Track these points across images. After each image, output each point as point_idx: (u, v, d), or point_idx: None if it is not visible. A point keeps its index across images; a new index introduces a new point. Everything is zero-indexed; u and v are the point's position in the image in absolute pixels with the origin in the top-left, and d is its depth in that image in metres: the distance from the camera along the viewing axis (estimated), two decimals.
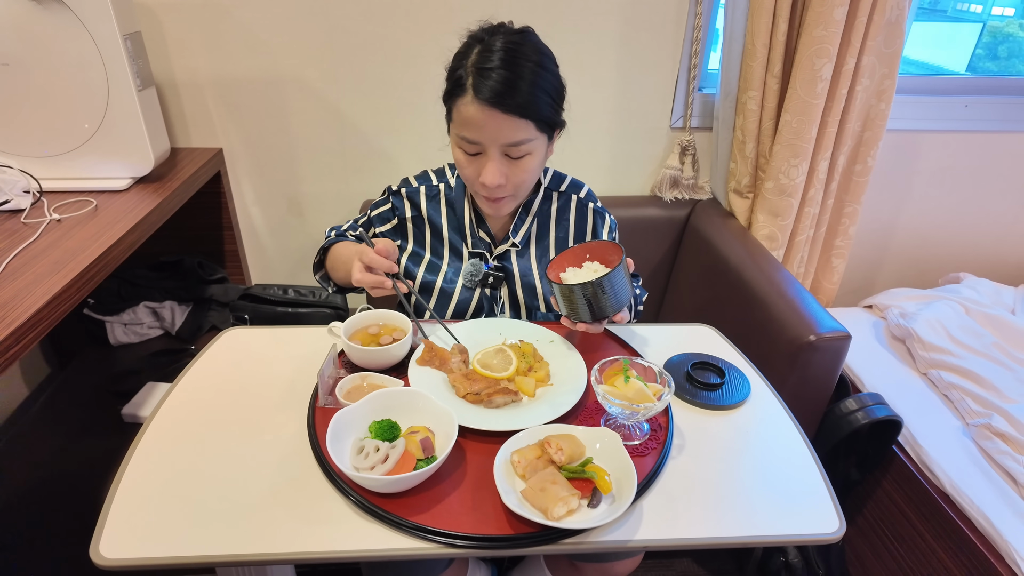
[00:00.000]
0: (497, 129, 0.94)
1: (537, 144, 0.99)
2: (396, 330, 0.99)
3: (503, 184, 1.00)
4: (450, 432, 0.77)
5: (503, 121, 0.93)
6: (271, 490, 0.75)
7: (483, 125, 0.94)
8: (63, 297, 0.98)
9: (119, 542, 0.68)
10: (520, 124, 0.95)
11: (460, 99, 0.95)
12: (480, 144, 0.97)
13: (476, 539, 0.69)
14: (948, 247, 2.05)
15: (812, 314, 1.27)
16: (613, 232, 1.23)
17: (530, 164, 1.00)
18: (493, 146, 0.97)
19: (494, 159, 0.98)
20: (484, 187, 1.00)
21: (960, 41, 2.25)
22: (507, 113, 0.93)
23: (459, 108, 0.96)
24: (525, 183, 1.03)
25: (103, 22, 1.21)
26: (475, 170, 1.00)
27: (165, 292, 1.70)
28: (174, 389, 0.92)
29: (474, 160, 1.00)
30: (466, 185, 1.08)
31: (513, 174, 1.00)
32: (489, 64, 0.92)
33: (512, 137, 0.96)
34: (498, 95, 0.91)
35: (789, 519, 0.76)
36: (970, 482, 1.22)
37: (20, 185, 1.24)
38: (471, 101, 0.93)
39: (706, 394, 0.95)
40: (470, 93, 0.93)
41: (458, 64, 0.97)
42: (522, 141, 0.96)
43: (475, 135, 0.96)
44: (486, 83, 0.92)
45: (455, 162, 1.04)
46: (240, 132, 1.69)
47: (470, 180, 1.03)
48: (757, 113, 1.60)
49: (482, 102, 0.92)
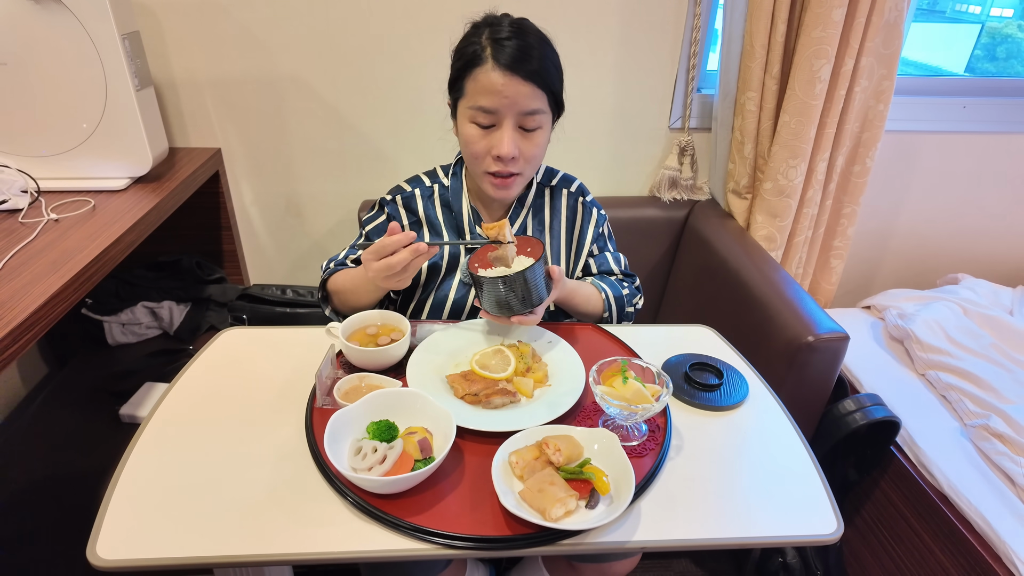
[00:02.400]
0: (516, 95, 0.97)
1: (546, 119, 1.03)
2: (394, 331, 0.99)
3: (516, 157, 1.01)
4: (448, 433, 0.77)
5: (521, 87, 0.96)
6: (269, 491, 0.75)
7: (502, 91, 0.96)
8: (61, 297, 0.98)
9: (116, 543, 0.68)
10: (536, 93, 0.98)
11: (478, 68, 0.97)
12: (497, 113, 0.98)
13: (474, 540, 0.69)
14: (946, 248, 2.05)
15: (810, 315, 1.27)
16: (600, 226, 1.23)
17: (541, 139, 1.03)
18: (510, 115, 0.99)
19: (509, 129, 0.99)
20: (498, 160, 1.01)
21: (959, 42, 2.25)
22: (526, 80, 0.96)
23: (476, 77, 0.98)
24: (535, 158, 1.05)
25: (101, 22, 1.21)
26: (488, 144, 1.01)
27: (163, 292, 1.70)
28: (172, 389, 0.92)
29: (487, 134, 1.01)
30: (473, 165, 1.06)
31: (525, 148, 1.02)
32: (506, 35, 0.97)
33: (529, 105, 0.98)
34: (517, 61, 0.95)
35: (787, 520, 0.76)
36: (968, 483, 1.22)
37: (18, 185, 1.24)
38: (492, 68, 0.96)
39: (704, 395, 0.95)
40: (490, 61, 0.96)
41: (468, 43, 1.00)
42: (537, 111, 0.99)
43: (494, 102, 0.97)
44: (505, 51, 0.96)
45: (466, 139, 1.03)
46: (238, 132, 1.69)
47: (480, 156, 1.03)
48: (756, 114, 1.60)
49: (503, 68, 0.95)
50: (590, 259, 1.22)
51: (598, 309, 1.17)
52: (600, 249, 1.23)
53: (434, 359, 0.97)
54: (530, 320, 0.99)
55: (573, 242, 1.21)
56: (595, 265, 1.23)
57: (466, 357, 0.98)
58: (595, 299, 1.16)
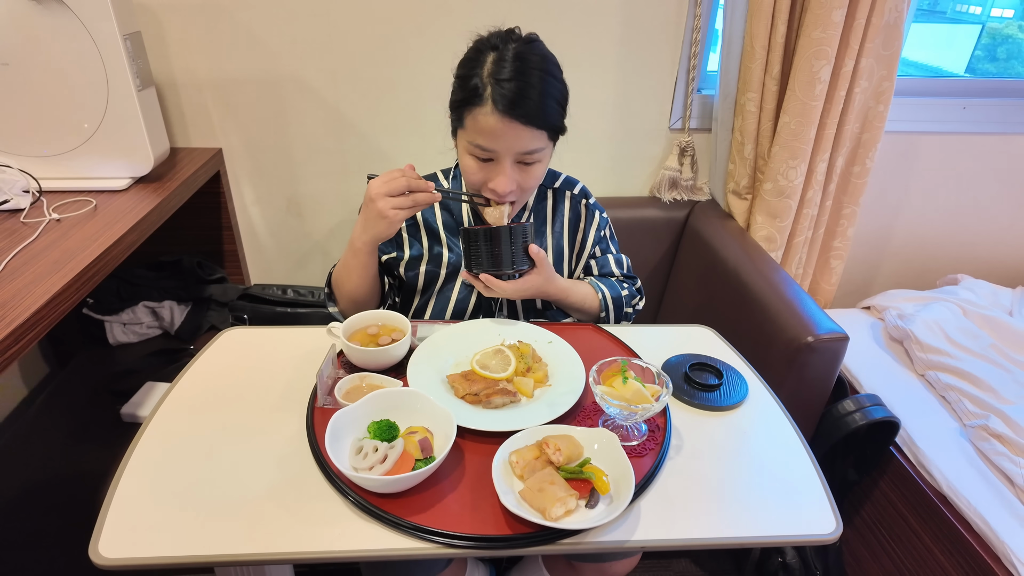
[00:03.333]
0: (515, 139, 0.96)
1: (546, 151, 1.03)
2: (395, 330, 0.99)
3: (514, 191, 1.02)
4: (449, 432, 0.77)
5: (521, 132, 0.96)
6: (270, 490, 0.75)
7: (501, 135, 0.96)
8: (62, 297, 0.98)
9: (118, 542, 0.69)
10: (536, 134, 0.97)
11: (477, 108, 0.96)
12: (494, 152, 0.98)
13: (474, 539, 0.70)
14: (946, 249, 2.05)
15: (810, 315, 1.27)
16: (603, 228, 1.23)
17: (539, 171, 1.04)
18: (508, 155, 0.99)
19: (506, 168, 1.00)
20: (495, 194, 1.02)
21: (959, 42, 2.26)
22: (525, 124, 0.95)
23: (475, 117, 0.97)
24: (532, 188, 1.07)
25: (103, 22, 1.21)
26: (485, 176, 1.02)
27: (164, 292, 1.70)
28: (173, 389, 0.92)
29: (485, 167, 1.02)
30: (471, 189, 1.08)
31: (523, 180, 1.03)
32: (507, 75, 0.94)
33: (527, 146, 0.98)
34: (517, 107, 0.94)
35: (786, 520, 0.76)
36: (967, 483, 1.22)
37: (20, 185, 1.24)
38: (490, 112, 0.94)
39: (704, 395, 0.96)
40: (489, 104, 0.94)
41: (471, 72, 0.97)
42: (535, 150, 0.99)
43: (491, 144, 0.97)
44: (506, 95, 0.93)
45: (464, 169, 1.05)
46: (240, 132, 1.69)
47: (477, 186, 1.04)
48: (756, 115, 1.60)
49: (501, 113, 0.94)
50: (591, 260, 1.22)
51: (594, 308, 1.17)
52: (602, 251, 1.24)
53: (435, 359, 0.97)
54: (498, 286, 1.02)
55: (576, 244, 1.22)
56: (596, 267, 1.23)
57: (466, 357, 0.98)
58: (591, 299, 1.17)
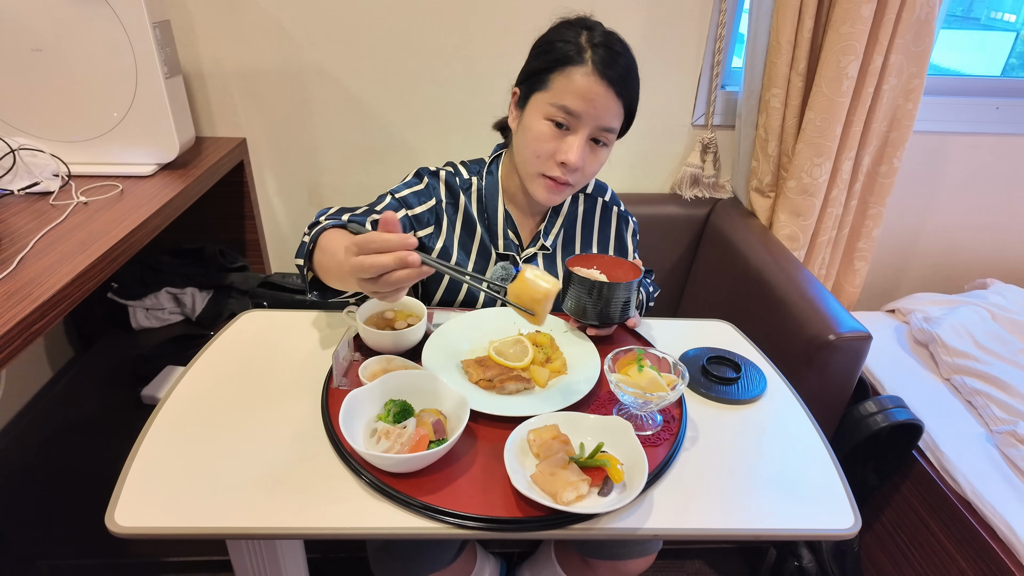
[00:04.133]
0: (604, 107, 0.95)
1: (614, 137, 1.01)
2: (411, 316, 0.99)
3: (579, 168, 0.99)
4: (461, 416, 0.77)
5: (611, 101, 0.95)
6: (284, 467, 0.76)
7: (593, 98, 0.94)
8: (87, 276, 1.00)
9: (133, 511, 0.69)
10: (619, 110, 0.97)
11: (573, 67, 0.94)
12: (579, 118, 0.95)
13: (485, 520, 0.69)
14: (975, 252, 2.01)
15: (832, 313, 1.25)
16: (636, 236, 1.22)
17: (604, 156, 1.02)
18: (589, 124, 0.96)
19: (582, 138, 0.97)
20: (562, 166, 0.98)
21: (993, 50, 2.20)
22: (617, 95, 0.95)
23: (569, 76, 0.94)
24: (592, 174, 1.03)
25: (133, 10, 1.23)
26: (556, 146, 0.97)
27: (186, 278, 1.72)
28: (191, 368, 0.93)
29: (559, 135, 0.97)
30: (530, 164, 1.01)
31: (589, 162, 1.00)
32: (604, 43, 0.94)
33: (610, 121, 0.97)
34: (616, 72, 0.94)
35: (803, 513, 0.75)
36: (993, 490, 1.19)
37: (50, 169, 1.27)
38: (590, 72, 0.93)
39: (721, 388, 0.94)
40: (590, 64, 0.93)
41: (563, 38, 0.96)
42: (613, 128, 0.98)
43: (580, 107, 0.94)
44: (605, 59, 0.93)
45: (535, 136, 0.98)
46: (264, 122, 1.71)
47: (544, 156, 0.98)
48: (780, 111, 1.58)
49: (600, 75, 0.93)
50: None
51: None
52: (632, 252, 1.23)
53: (450, 345, 0.97)
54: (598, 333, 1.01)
55: (610, 251, 1.19)
56: None
57: (482, 345, 0.98)
58: None
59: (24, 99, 1.29)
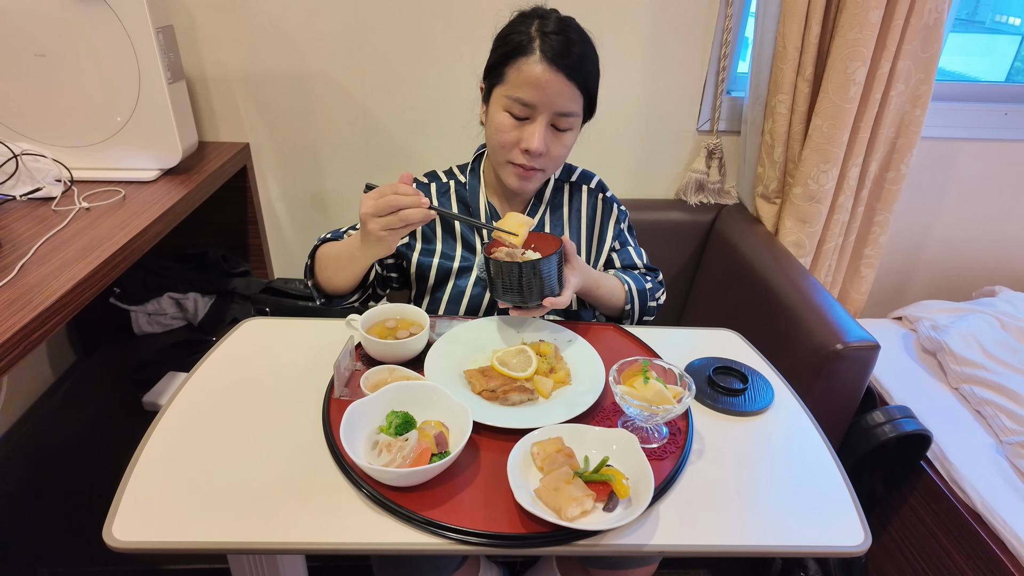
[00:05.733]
0: (557, 93, 0.97)
1: (577, 121, 1.03)
2: (413, 324, 0.98)
3: (544, 153, 1.01)
4: (464, 428, 0.76)
5: (563, 86, 0.96)
6: (284, 480, 0.75)
7: (544, 86, 0.96)
8: (88, 283, 0.99)
9: (132, 525, 0.69)
10: (575, 94, 0.98)
11: (523, 58, 0.96)
12: (534, 107, 0.98)
13: (488, 536, 0.68)
14: (984, 259, 1.99)
15: (839, 322, 1.23)
16: (622, 221, 1.22)
17: (569, 140, 1.03)
18: (546, 111, 0.98)
19: (542, 125, 0.99)
20: (526, 153, 1.01)
21: (998, 53, 2.19)
22: (569, 79, 0.96)
23: (520, 67, 0.97)
24: (559, 158, 1.05)
25: (137, 16, 1.23)
26: (518, 135, 1.01)
27: (189, 283, 1.72)
28: (192, 376, 0.92)
29: (519, 125, 1.01)
30: (498, 154, 1.05)
31: (553, 146, 1.02)
32: (554, 30, 0.96)
33: (566, 106, 0.98)
34: (563, 58, 0.95)
35: (811, 529, 0.74)
36: (1003, 501, 1.17)
37: (52, 174, 1.27)
38: (538, 60, 0.95)
39: (728, 399, 0.93)
40: (537, 53, 0.95)
41: (515, 30, 0.99)
42: (572, 112, 1.00)
43: (533, 96, 0.97)
44: (553, 46, 0.95)
45: (497, 127, 1.02)
46: (267, 127, 1.70)
47: (508, 146, 1.02)
48: (787, 117, 1.57)
49: (549, 63, 0.95)
50: (613, 254, 1.21)
51: (620, 301, 1.15)
52: (622, 244, 1.22)
53: (452, 354, 0.96)
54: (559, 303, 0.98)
55: (594, 238, 1.20)
56: (618, 259, 1.21)
57: (485, 354, 0.97)
58: (618, 291, 1.15)
59: (27, 104, 1.28)
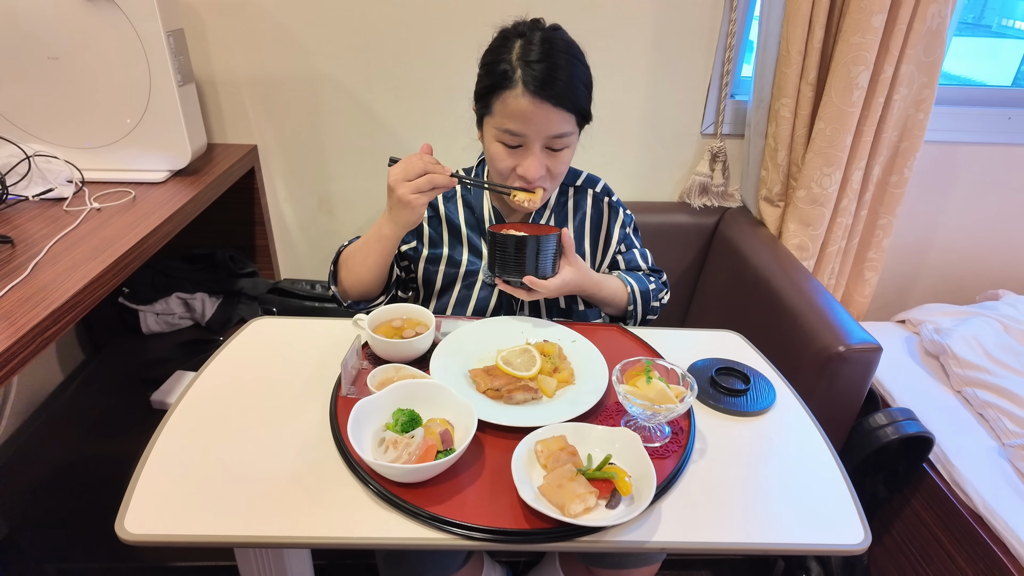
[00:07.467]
0: (545, 121, 0.96)
1: (573, 138, 1.02)
2: (419, 324, 1.00)
3: (543, 176, 1.02)
4: (469, 426, 0.77)
5: (551, 113, 0.95)
6: (292, 476, 0.76)
7: (531, 118, 0.96)
8: (99, 282, 1.01)
9: (143, 519, 0.70)
10: (565, 117, 0.97)
11: (507, 92, 0.96)
12: (524, 137, 0.98)
13: (492, 532, 0.69)
14: (987, 263, 1.99)
15: (842, 325, 1.24)
16: (627, 227, 1.23)
17: (567, 157, 1.03)
18: (538, 139, 0.98)
19: (536, 152, 0.99)
20: (524, 180, 1.02)
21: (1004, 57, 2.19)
22: (556, 106, 0.95)
23: (504, 101, 0.97)
24: (560, 175, 1.06)
25: (148, 19, 1.25)
26: (514, 163, 1.02)
27: (197, 284, 1.74)
28: (201, 375, 0.94)
29: (513, 153, 1.01)
30: (499, 179, 1.06)
31: (552, 166, 1.02)
32: (535, 57, 0.94)
33: (557, 129, 0.98)
34: (547, 88, 0.94)
35: (812, 527, 0.74)
36: (1005, 504, 1.18)
37: (64, 175, 1.29)
38: (521, 94, 0.95)
39: (730, 400, 0.94)
40: (520, 86, 0.95)
41: (498, 58, 0.98)
42: (565, 134, 0.99)
43: (522, 127, 0.97)
44: (536, 76, 0.94)
45: (492, 157, 1.03)
46: (274, 130, 1.72)
47: (506, 174, 1.03)
48: (790, 120, 1.58)
49: (532, 94, 0.94)
50: (618, 256, 1.22)
51: (623, 303, 1.16)
52: (628, 247, 1.23)
53: (458, 354, 0.97)
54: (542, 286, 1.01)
55: (599, 242, 1.21)
56: (623, 262, 1.22)
57: (490, 354, 0.98)
58: (621, 293, 1.16)
59: (39, 106, 1.30)
